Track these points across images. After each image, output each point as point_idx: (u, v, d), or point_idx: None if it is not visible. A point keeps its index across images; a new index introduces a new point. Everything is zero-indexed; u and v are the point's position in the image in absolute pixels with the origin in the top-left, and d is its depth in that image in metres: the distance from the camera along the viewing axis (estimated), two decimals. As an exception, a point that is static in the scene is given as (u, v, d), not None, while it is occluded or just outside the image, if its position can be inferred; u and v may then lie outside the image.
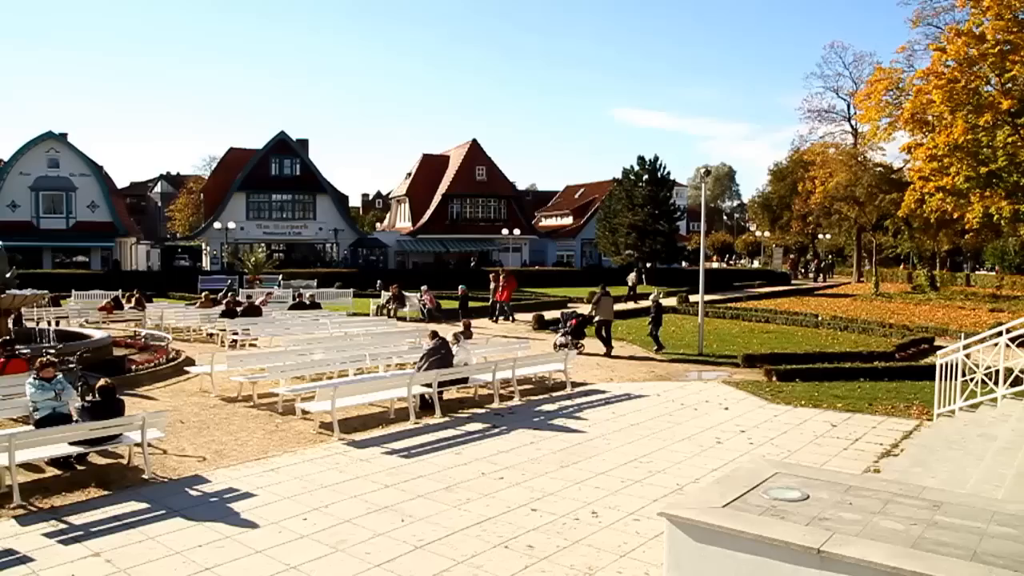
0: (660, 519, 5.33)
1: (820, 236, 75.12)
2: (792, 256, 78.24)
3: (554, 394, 14.75)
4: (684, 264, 60.12)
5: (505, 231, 59.51)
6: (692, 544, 5.00)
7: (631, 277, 40.02)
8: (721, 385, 15.81)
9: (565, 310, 25.78)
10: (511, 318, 28.54)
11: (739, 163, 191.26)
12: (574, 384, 15.42)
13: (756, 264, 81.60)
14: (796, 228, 72.52)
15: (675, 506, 5.41)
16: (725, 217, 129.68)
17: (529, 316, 27.80)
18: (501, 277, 29.49)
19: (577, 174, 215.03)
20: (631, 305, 33.88)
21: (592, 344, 20.40)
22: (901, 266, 69.93)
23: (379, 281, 40.38)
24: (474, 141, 65.50)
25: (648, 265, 51.54)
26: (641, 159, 53.83)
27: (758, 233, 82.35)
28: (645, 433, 11.65)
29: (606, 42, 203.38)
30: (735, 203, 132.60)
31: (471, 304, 30.13)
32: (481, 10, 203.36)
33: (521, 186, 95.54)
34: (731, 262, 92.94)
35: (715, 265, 79.48)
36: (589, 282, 46.83)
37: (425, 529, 7.60)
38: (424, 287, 31.24)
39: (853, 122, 58.68)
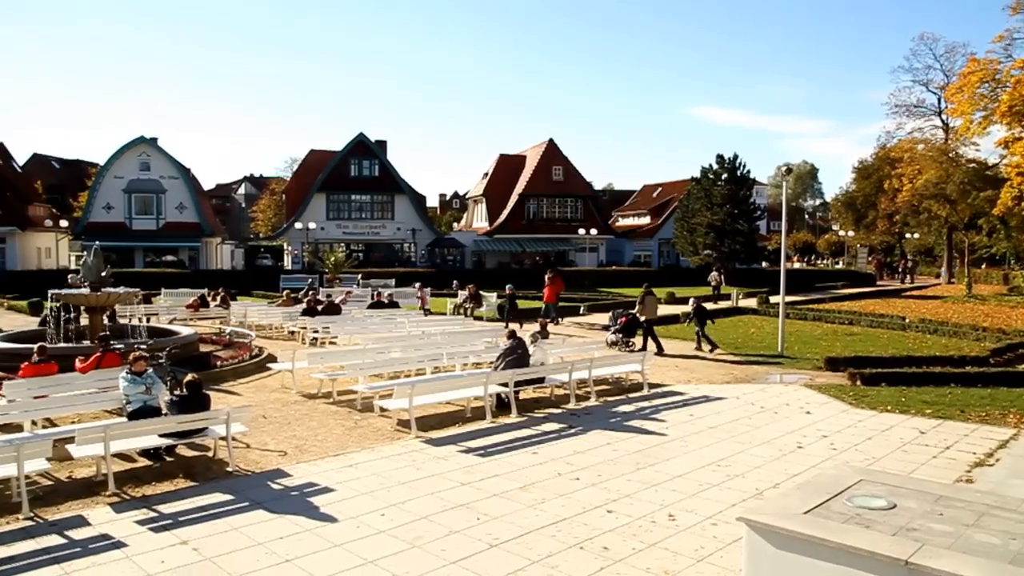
0: (739, 524, 5.24)
1: (907, 236, 72.55)
2: (878, 256, 75.83)
3: (631, 395, 14.62)
4: (764, 264, 58.86)
5: (582, 231, 59.32)
6: (772, 550, 4.89)
7: (713, 276, 39.34)
8: (802, 388, 15.41)
9: (616, 309, 25.61)
10: (556, 320, 27.55)
11: (821, 161, 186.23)
12: (651, 385, 15.25)
13: (839, 265, 79.33)
14: (882, 227, 70.25)
15: (754, 511, 5.29)
16: (807, 216, 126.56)
17: (605, 317, 27.61)
18: (547, 277, 28.95)
19: (654, 173, 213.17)
20: (711, 306, 33.48)
21: (672, 345, 20.17)
22: (983, 266, 66.98)
23: (455, 281, 40.81)
24: (551, 141, 65.45)
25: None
26: (720, 157, 53.03)
27: (841, 233, 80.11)
28: (723, 436, 11.45)
29: (684, 40, 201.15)
30: (817, 202, 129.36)
31: (520, 304, 29.55)
32: (558, 9, 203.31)
33: (598, 185, 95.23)
34: (813, 262, 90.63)
35: (796, 265, 77.59)
36: (667, 282, 46.30)
37: (500, 528, 7.61)
38: (418, 283, 31.64)
39: (944, 117, 56.65)
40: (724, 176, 52.57)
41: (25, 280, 41.48)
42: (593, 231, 59.81)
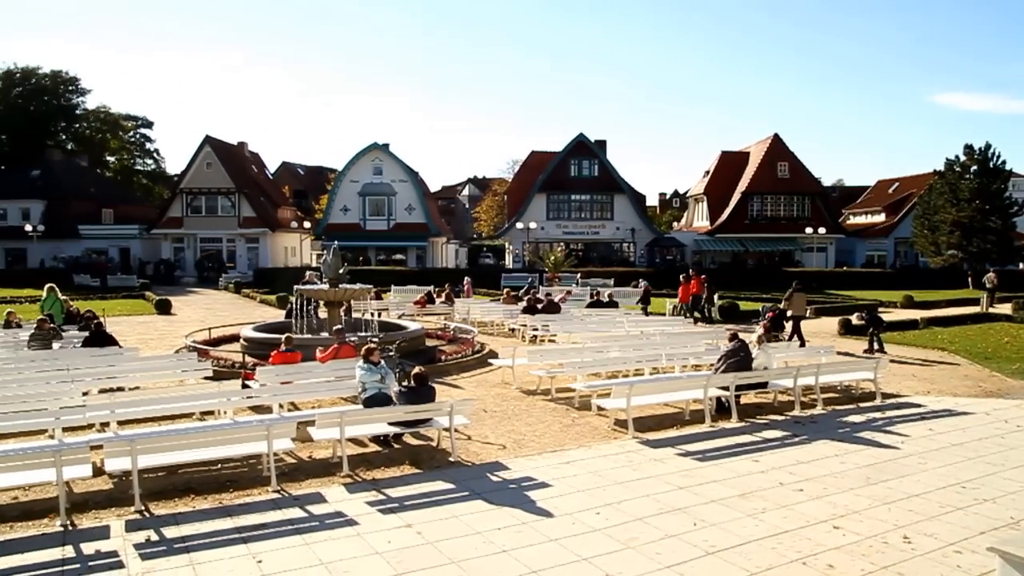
0: (990, 555, 4.74)
1: None
2: None
3: (861, 405, 13.69)
4: (1021, 266, 53.10)
5: (808, 230, 56.53)
6: (1031, 587, 4.38)
7: (989, 278, 35.39)
8: (1068, 406, 13.72)
9: (765, 303, 25.85)
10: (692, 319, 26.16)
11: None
12: (884, 395, 14.21)
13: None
14: None
15: (1011, 542, 4.76)
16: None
17: (834, 321, 26.12)
18: (682, 277, 28.01)
19: (890, 167, 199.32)
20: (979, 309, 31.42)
21: (907, 352, 18.71)
22: None
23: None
24: (775, 136, 62.84)
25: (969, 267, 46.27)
26: (968, 148, 48.70)
27: None
28: (969, 455, 10.42)
29: (926, 20, 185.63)
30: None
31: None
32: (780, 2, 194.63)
33: (826, 182, 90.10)
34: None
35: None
36: (903, 285, 43.12)
37: (717, 535, 7.40)
38: (467, 278, 31.22)
39: None
40: (973, 168, 48.27)
41: (273, 276, 45.94)
42: (821, 230, 56.75)
